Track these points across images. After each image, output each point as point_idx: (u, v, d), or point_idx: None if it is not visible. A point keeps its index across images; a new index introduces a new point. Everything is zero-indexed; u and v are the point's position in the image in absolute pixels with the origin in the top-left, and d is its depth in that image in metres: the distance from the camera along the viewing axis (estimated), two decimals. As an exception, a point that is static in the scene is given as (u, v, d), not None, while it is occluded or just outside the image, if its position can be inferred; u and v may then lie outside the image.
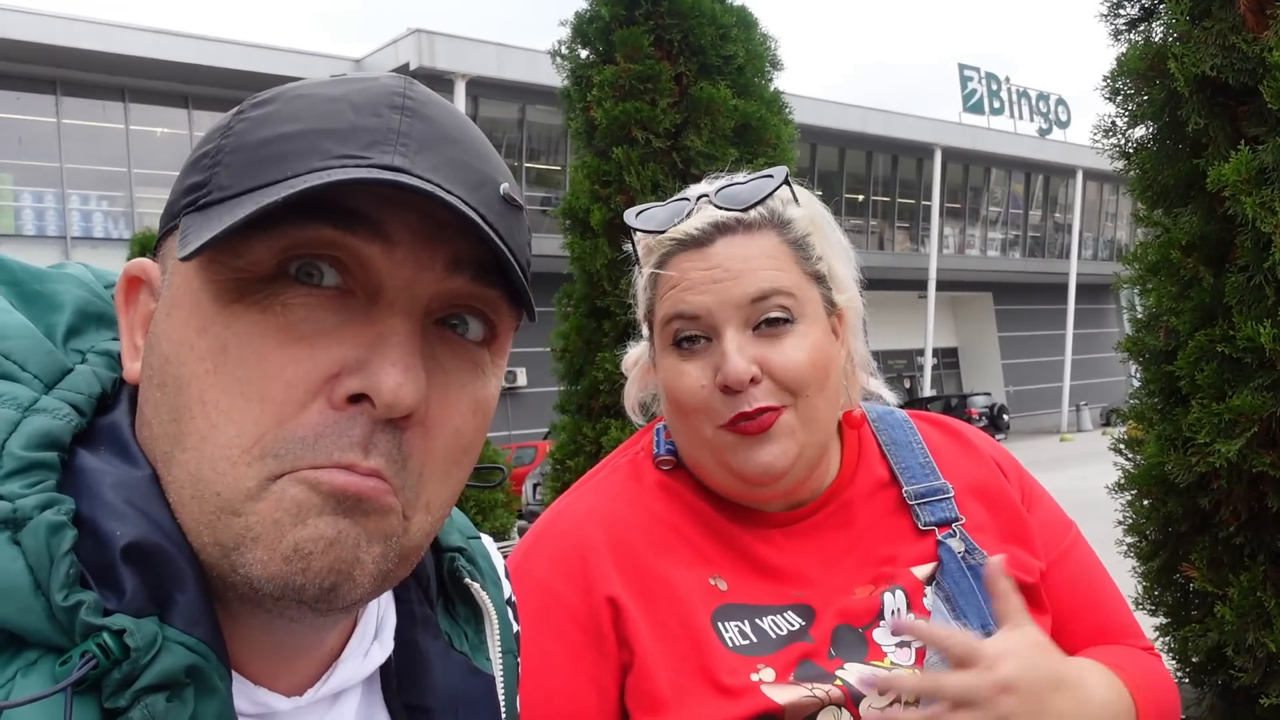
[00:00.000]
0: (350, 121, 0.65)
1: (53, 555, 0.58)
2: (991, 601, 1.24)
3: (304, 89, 0.68)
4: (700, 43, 5.05)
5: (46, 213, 23.14)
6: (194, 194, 0.66)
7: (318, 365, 0.62)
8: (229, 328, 0.62)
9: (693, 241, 1.26)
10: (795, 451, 1.23)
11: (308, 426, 0.62)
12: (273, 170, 0.63)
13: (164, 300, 0.67)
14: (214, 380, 0.62)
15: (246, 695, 0.69)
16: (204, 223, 0.63)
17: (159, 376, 0.65)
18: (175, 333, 0.64)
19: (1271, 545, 2.49)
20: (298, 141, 0.64)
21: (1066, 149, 40.41)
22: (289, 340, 0.62)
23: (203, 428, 0.62)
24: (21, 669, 0.57)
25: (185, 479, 0.63)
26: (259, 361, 0.62)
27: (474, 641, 0.86)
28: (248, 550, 0.61)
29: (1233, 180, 2.38)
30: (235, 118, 0.68)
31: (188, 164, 0.69)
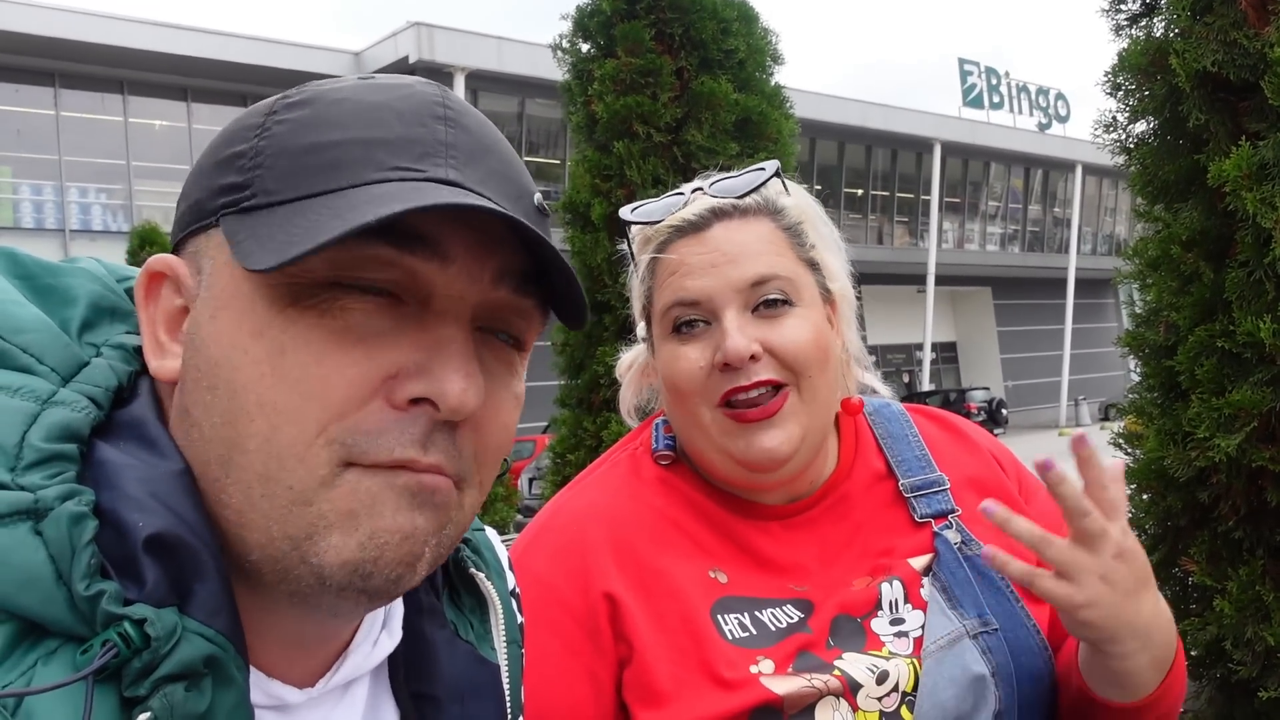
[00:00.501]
0: (398, 131, 0.66)
1: (74, 546, 0.58)
2: (997, 587, 1.25)
3: (340, 92, 0.69)
4: (701, 37, 5.05)
5: (45, 205, 23.12)
6: (233, 195, 0.66)
7: (376, 366, 0.64)
8: (286, 331, 0.63)
9: (690, 227, 1.28)
10: (799, 435, 1.24)
11: (370, 422, 0.64)
12: (326, 178, 0.64)
13: (205, 302, 0.67)
14: (272, 383, 0.63)
15: (260, 687, 0.69)
16: (254, 227, 0.64)
17: (208, 379, 0.65)
18: (226, 336, 0.65)
19: (1270, 539, 2.50)
20: (349, 150, 0.65)
21: (1066, 144, 40.40)
22: (347, 343, 0.64)
23: (264, 430, 0.63)
24: (42, 657, 0.58)
25: (252, 479, 0.64)
26: (318, 363, 0.63)
27: (479, 631, 0.87)
28: (321, 539, 0.63)
29: (1233, 176, 2.39)
30: (269, 118, 0.68)
31: (215, 161, 0.69)
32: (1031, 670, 1.24)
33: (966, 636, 1.22)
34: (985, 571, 1.28)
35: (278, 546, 0.64)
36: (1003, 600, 1.27)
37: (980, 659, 1.21)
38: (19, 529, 0.58)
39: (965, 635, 1.22)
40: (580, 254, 5.15)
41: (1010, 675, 1.22)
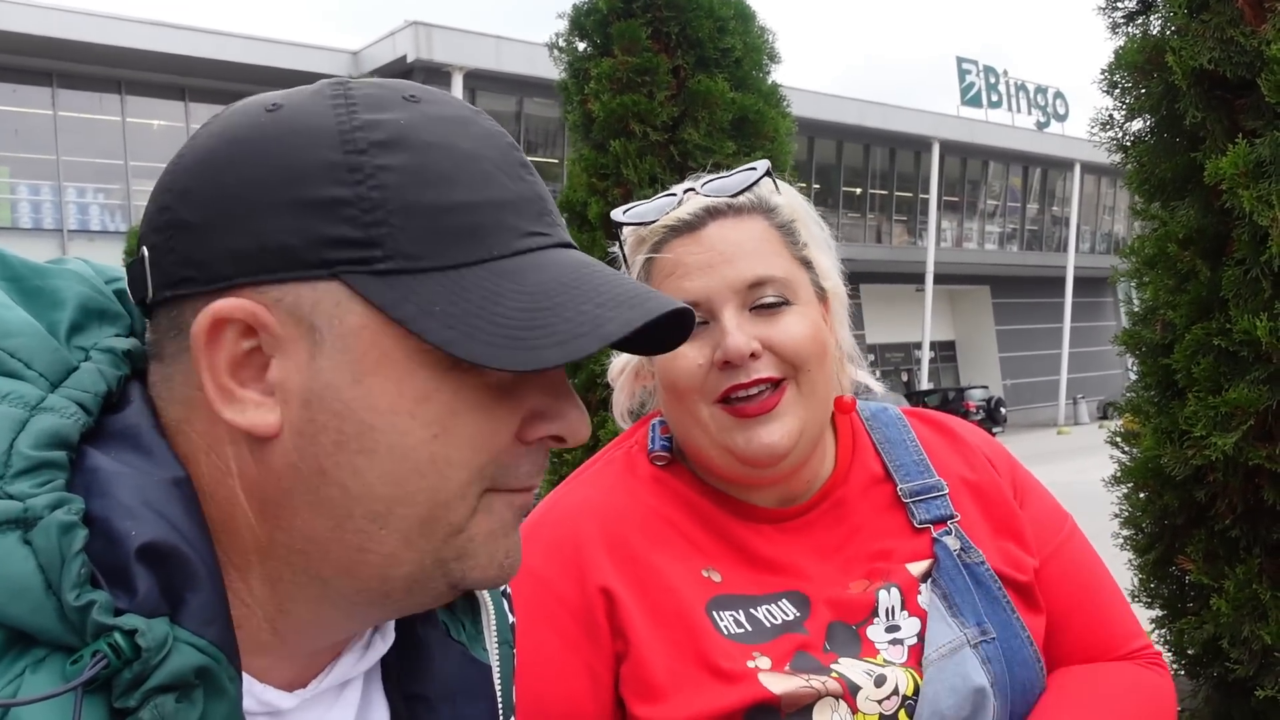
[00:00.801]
0: (512, 190, 0.70)
1: (64, 555, 0.57)
2: (994, 596, 1.25)
3: (428, 132, 0.68)
4: (698, 35, 5.04)
5: (43, 205, 23.11)
6: (352, 251, 0.64)
7: (519, 411, 0.70)
8: (457, 394, 0.67)
9: (685, 226, 1.28)
10: (798, 429, 1.24)
11: (509, 457, 0.71)
12: (472, 245, 0.67)
13: (340, 364, 0.66)
14: (445, 441, 0.67)
15: (251, 693, 0.69)
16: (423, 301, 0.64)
17: (359, 443, 0.66)
18: (384, 402, 0.66)
19: (1267, 538, 2.50)
20: (481, 213, 0.68)
21: (1064, 142, 40.41)
22: (500, 397, 0.69)
23: (434, 483, 0.67)
24: (30, 665, 0.57)
25: (413, 525, 0.68)
26: (488, 418, 0.68)
27: (471, 632, 0.87)
28: (468, 559, 0.70)
29: (1230, 174, 2.39)
30: (362, 158, 0.66)
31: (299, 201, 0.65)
32: (1025, 682, 1.24)
33: (967, 645, 1.22)
34: (983, 580, 1.27)
35: (426, 570, 0.70)
36: (999, 610, 1.26)
37: (980, 669, 1.21)
38: (8, 538, 0.57)
39: (966, 644, 1.22)
40: (578, 253, 5.14)
41: (1006, 686, 1.22)
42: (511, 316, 0.65)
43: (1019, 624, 1.26)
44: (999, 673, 1.22)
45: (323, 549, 0.68)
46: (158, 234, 0.68)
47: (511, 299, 0.65)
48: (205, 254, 0.66)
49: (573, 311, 0.66)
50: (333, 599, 0.70)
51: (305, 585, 0.69)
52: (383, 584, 0.69)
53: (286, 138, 0.66)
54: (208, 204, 0.66)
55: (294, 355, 0.66)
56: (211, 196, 0.66)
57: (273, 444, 0.66)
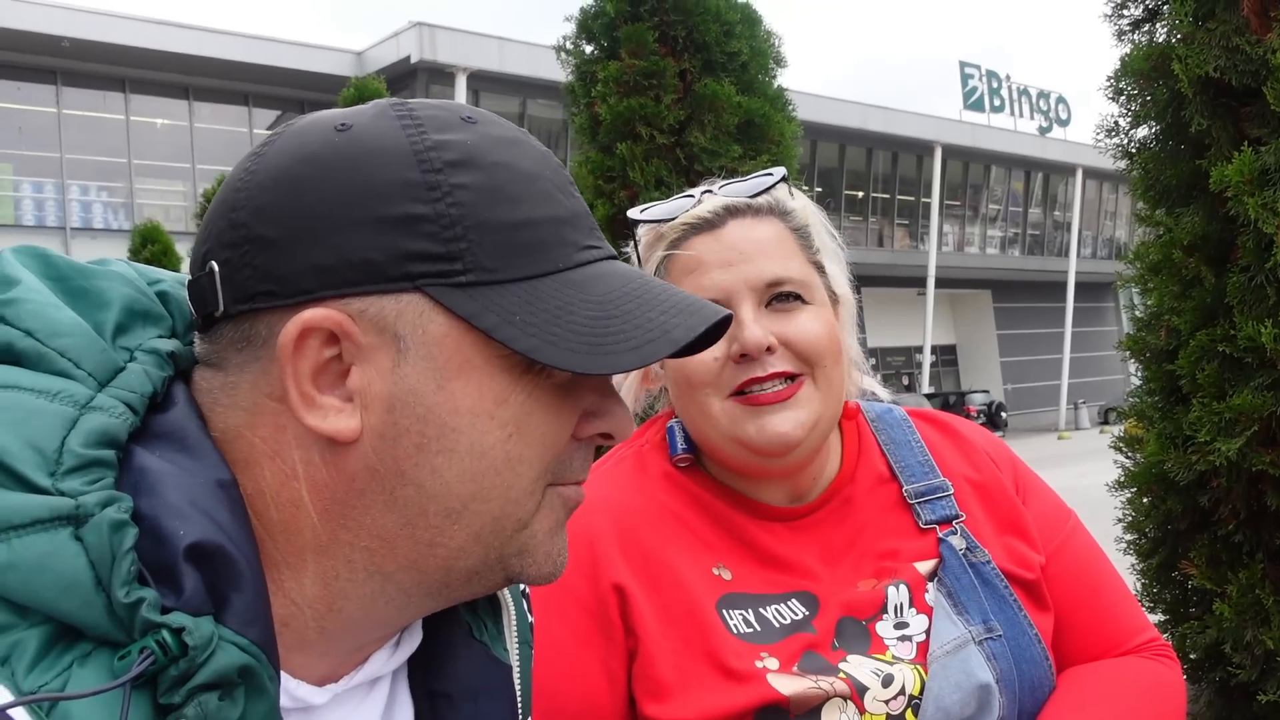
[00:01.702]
0: (567, 207, 0.75)
1: (115, 552, 0.59)
2: (1000, 595, 1.26)
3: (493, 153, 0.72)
4: (705, 39, 5.05)
5: (46, 203, 23.12)
6: (434, 264, 0.68)
7: (577, 410, 0.76)
8: (531, 396, 0.72)
9: (705, 224, 1.31)
10: (811, 421, 1.25)
11: (566, 452, 0.76)
12: (540, 258, 0.71)
13: (424, 371, 0.69)
14: (519, 440, 0.72)
15: (285, 689, 0.70)
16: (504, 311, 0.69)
17: (438, 444, 0.69)
18: (465, 404, 0.70)
19: (1270, 543, 2.50)
20: (546, 229, 0.72)
21: (1066, 147, 40.40)
22: (564, 396, 0.74)
23: (509, 479, 0.72)
24: (78, 659, 0.58)
25: (485, 521, 0.72)
26: (555, 418, 0.73)
27: (493, 632, 0.88)
28: (528, 555, 0.75)
29: (1235, 181, 2.39)
30: (438, 176, 0.69)
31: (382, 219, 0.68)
32: (1033, 679, 1.25)
33: (972, 643, 1.23)
34: (989, 578, 1.28)
35: (487, 564, 0.73)
36: (1006, 608, 1.27)
37: (985, 665, 1.21)
38: (59, 534, 0.58)
39: (971, 641, 1.23)
40: (583, 255, 5.14)
41: (1014, 683, 1.23)
42: (585, 324, 0.70)
43: (1026, 621, 1.27)
44: (1005, 669, 1.23)
45: (390, 545, 0.71)
46: (231, 249, 0.69)
47: (582, 308, 0.70)
48: (286, 268, 0.67)
49: (641, 319, 0.71)
50: (390, 593, 0.72)
51: (363, 582, 0.71)
52: (445, 575, 0.73)
53: (364, 157, 0.69)
54: (288, 220, 0.68)
55: (377, 363, 0.68)
56: (292, 213, 0.68)
57: (350, 447, 0.69)
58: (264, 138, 0.74)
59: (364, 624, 0.73)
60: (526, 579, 0.76)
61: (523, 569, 0.75)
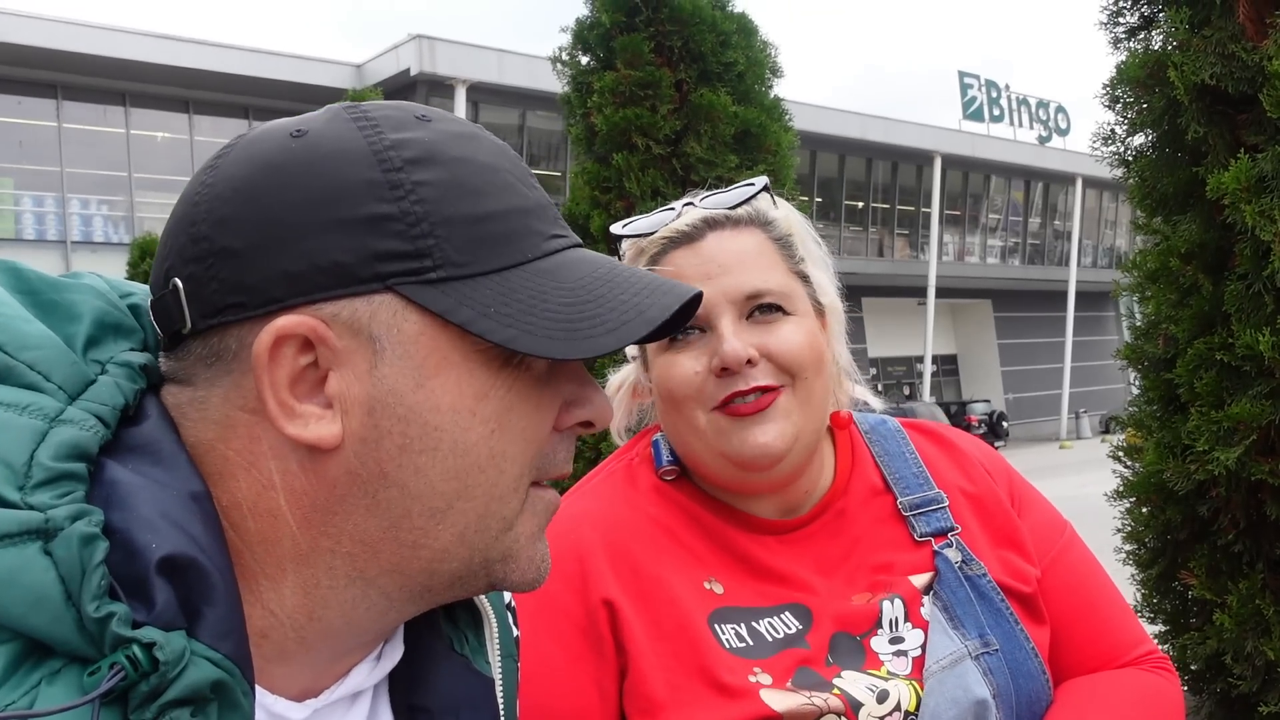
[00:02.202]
0: (529, 198, 0.75)
1: (85, 566, 0.58)
2: (997, 609, 1.25)
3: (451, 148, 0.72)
4: (700, 49, 5.07)
5: (47, 217, 23.16)
6: (404, 263, 0.68)
7: (557, 401, 0.75)
8: (511, 389, 0.71)
9: (684, 238, 1.30)
10: (793, 433, 1.24)
11: (548, 446, 0.75)
12: (507, 251, 0.71)
13: (401, 371, 0.68)
14: (500, 435, 0.71)
15: (262, 705, 0.69)
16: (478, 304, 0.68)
17: (422, 444, 0.69)
18: (446, 402, 0.69)
19: (1270, 553, 2.49)
20: (510, 221, 0.72)
21: (1066, 156, 40.47)
22: (543, 388, 0.74)
23: (492, 476, 0.71)
24: (46, 677, 0.57)
25: (470, 520, 0.72)
26: (536, 410, 0.73)
27: (474, 645, 0.87)
28: (512, 560, 0.74)
29: (1232, 188, 2.39)
30: (399, 175, 0.69)
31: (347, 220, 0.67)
32: (1030, 693, 1.24)
33: (969, 657, 1.21)
34: (986, 592, 1.27)
35: (472, 568, 0.73)
36: (1003, 622, 1.26)
37: (982, 681, 1.20)
38: (29, 548, 0.57)
39: (967, 656, 1.21)
40: (580, 266, 5.15)
41: (1011, 698, 1.22)
42: (560, 311, 0.70)
43: (1023, 635, 1.26)
44: (1002, 684, 1.21)
45: (373, 550, 0.70)
46: (195, 264, 0.68)
47: (556, 295, 0.70)
48: (254, 278, 0.67)
49: (614, 302, 0.71)
50: (372, 598, 0.72)
51: (344, 588, 0.71)
52: (428, 579, 0.72)
53: (323, 161, 0.69)
54: (253, 229, 0.67)
55: (354, 366, 0.68)
56: (256, 222, 0.67)
57: (331, 454, 0.68)
58: (216, 150, 0.74)
59: (344, 632, 0.72)
60: (510, 585, 0.75)
61: (506, 574, 0.74)
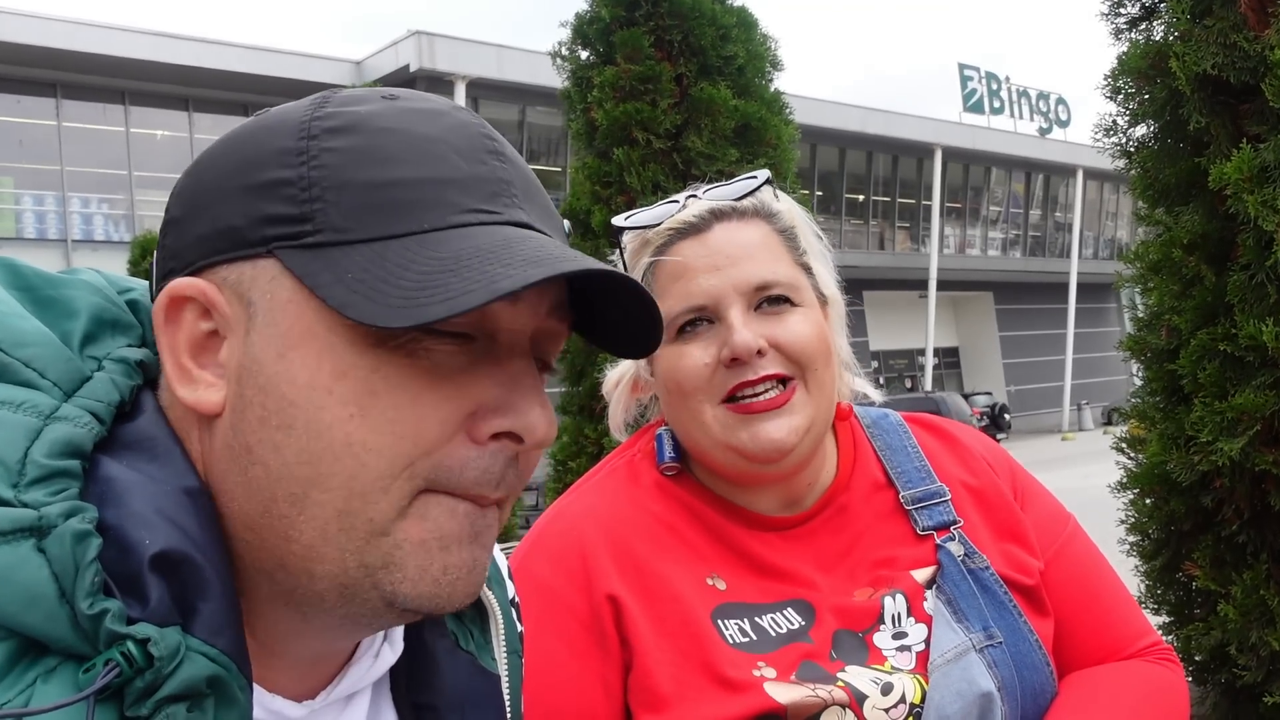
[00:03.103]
0: (463, 170, 0.67)
1: (78, 563, 0.58)
2: (1000, 601, 1.25)
3: (385, 119, 0.68)
4: (700, 43, 5.06)
5: (47, 216, 23.17)
6: (286, 227, 0.65)
7: (462, 404, 0.66)
8: (376, 372, 0.64)
9: (691, 229, 1.29)
10: (804, 426, 1.24)
11: (454, 458, 0.66)
12: (403, 218, 0.65)
13: (267, 338, 0.66)
14: (361, 423, 0.64)
15: (260, 703, 0.69)
16: (337, 270, 0.63)
17: (278, 419, 0.65)
18: (303, 376, 0.64)
19: (1274, 543, 2.49)
20: (421, 189, 0.66)
21: (1067, 148, 40.41)
22: (437, 381, 0.66)
23: (350, 468, 0.64)
24: (42, 675, 0.57)
25: (330, 515, 0.65)
26: (413, 403, 0.65)
27: (479, 641, 0.87)
28: (396, 570, 0.66)
29: (1234, 179, 2.39)
30: (311, 143, 0.67)
31: (249, 186, 0.67)
32: (1034, 686, 1.24)
33: (973, 650, 1.21)
34: (989, 585, 1.27)
35: (351, 575, 0.66)
36: (1006, 614, 1.26)
37: (986, 673, 1.20)
38: (22, 546, 0.57)
39: (972, 649, 1.21)
40: (581, 261, 5.15)
41: (1015, 690, 1.22)
42: (415, 280, 0.62)
43: (1026, 628, 1.26)
44: (1007, 677, 1.21)
45: (259, 538, 0.67)
46: (161, 236, 0.71)
47: (421, 265, 0.63)
48: (182, 244, 0.69)
49: (477, 273, 0.62)
50: (284, 600, 0.68)
51: (259, 584, 0.68)
52: (311, 583, 0.66)
53: (258, 132, 0.69)
54: (190, 197, 0.69)
55: (238, 332, 0.67)
56: (192, 190, 0.69)
57: (217, 424, 0.67)
58: None
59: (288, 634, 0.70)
60: (402, 600, 0.66)
61: (394, 587, 0.65)
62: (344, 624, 0.69)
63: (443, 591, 0.67)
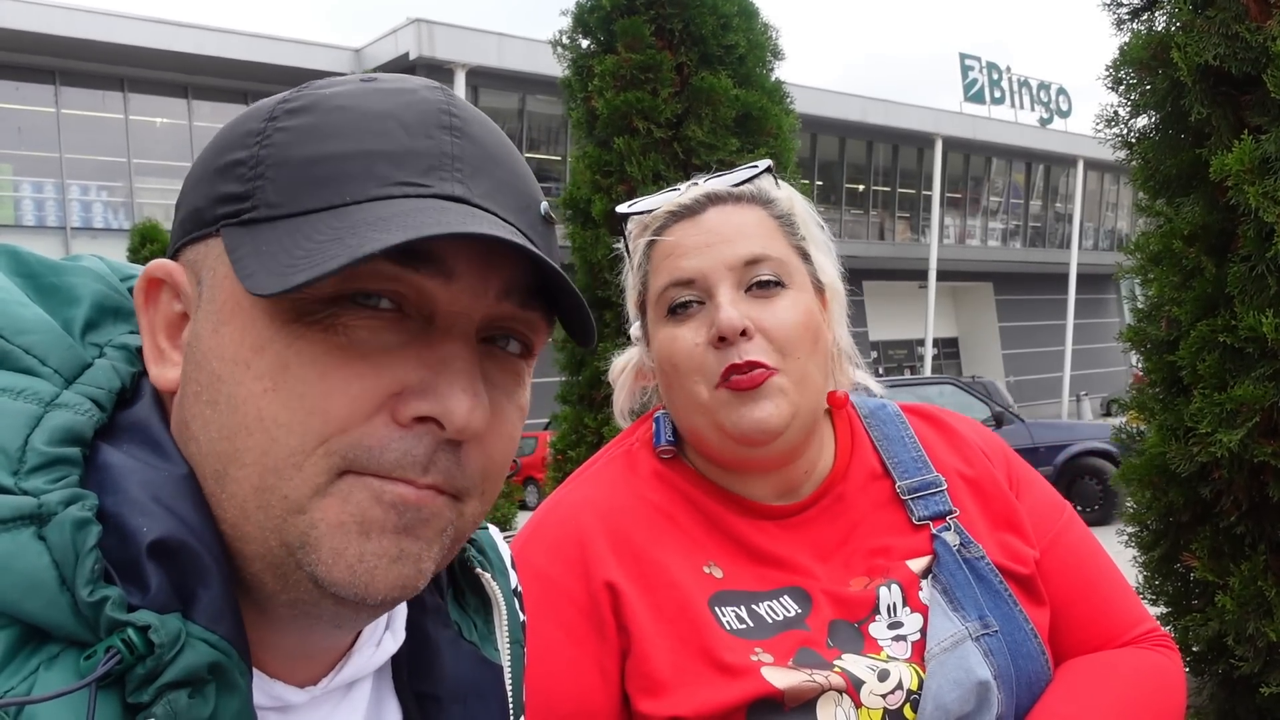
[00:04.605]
0: (404, 143, 0.65)
1: (78, 551, 0.58)
2: (995, 590, 1.25)
3: (343, 98, 0.67)
4: (701, 32, 5.05)
5: (46, 203, 23.14)
6: (233, 205, 0.65)
7: (381, 382, 0.64)
8: (290, 346, 0.63)
9: (686, 211, 1.31)
10: (790, 411, 1.24)
11: (373, 438, 0.64)
12: (327, 192, 0.63)
13: (207, 314, 0.66)
14: (274, 398, 0.63)
15: (261, 689, 0.69)
16: (256, 243, 0.63)
17: (208, 394, 0.64)
18: (228, 350, 0.64)
19: (1272, 535, 2.50)
20: (351, 162, 0.64)
21: (1067, 139, 40.35)
22: (352, 358, 0.63)
23: (262, 443, 0.63)
24: (44, 662, 0.57)
25: (248, 492, 0.63)
26: (322, 378, 0.63)
27: (483, 631, 0.87)
28: (312, 550, 0.63)
29: (1235, 170, 2.38)
30: (270, 124, 0.67)
31: (214, 168, 0.68)
32: (1030, 674, 1.24)
33: (969, 639, 1.22)
34: (984, 574, 1.27)
35: (275, 555, 0.64)
36: (1002, 603, 1.26)
37: (983, 662, 1.21)
38: (22, 534, 0.57)
39: (968, 638, 1.22)
40: (581, 250, 5.16)
41: (1011, 679, 1.22)
42: (306, 250, 0.61)
43: (1022, 617, 1.26)
44: (1003, 665, 1.22)
45: None
46: None
47: (320, 235, 0.61)
48: (173, 229, 0.71)
49: (359, 239, 0.60)
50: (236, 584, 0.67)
51: None
52: (247, 565, 0.65)
53: (237, 119, 0.70)
54: (183, 186, 0.71)
55: (194, 311, 0.67)
56: (186, 179, 0.71)
57: (175, 402, 0.68)
58: None
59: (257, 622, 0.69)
60: (323, 581, 0.63)
61: (313, 567, 0.63)
62: (299, 617, 0.68)
63: (359, 580, 0.63)
